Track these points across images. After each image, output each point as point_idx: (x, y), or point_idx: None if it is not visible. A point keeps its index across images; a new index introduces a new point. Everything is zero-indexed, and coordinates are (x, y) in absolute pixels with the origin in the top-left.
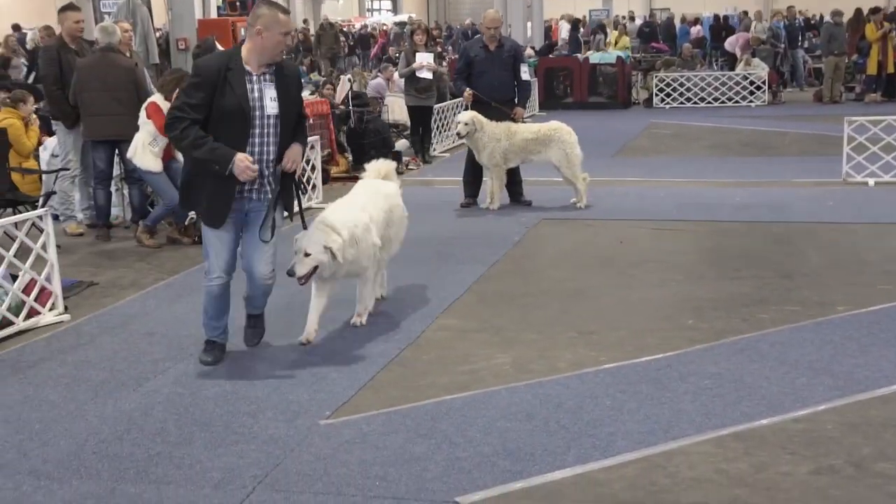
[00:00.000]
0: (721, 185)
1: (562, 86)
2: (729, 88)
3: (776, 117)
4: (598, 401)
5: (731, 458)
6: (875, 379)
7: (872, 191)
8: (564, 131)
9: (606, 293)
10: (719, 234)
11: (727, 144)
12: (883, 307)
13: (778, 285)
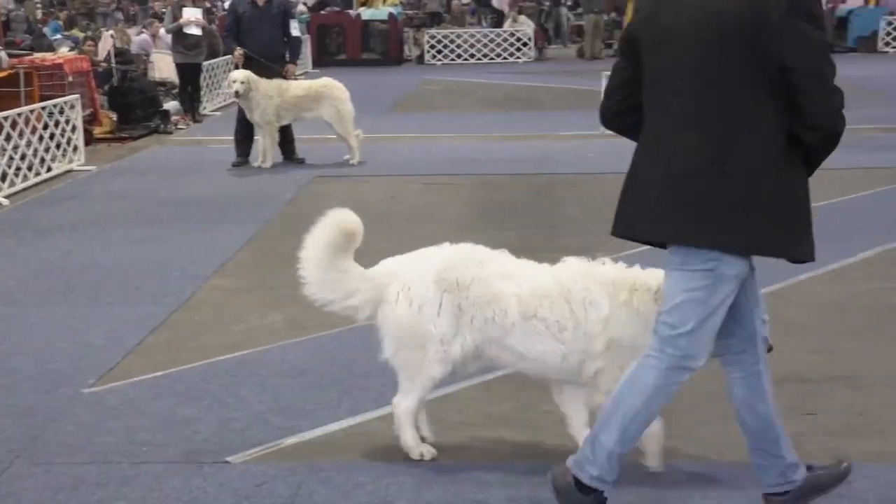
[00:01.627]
0: (489, 140)
1: (334, 43)
2: (497, 45)
3: (542, 73)
4: (370, 354)
5: (498, 401)
6: None
7: (628, 142)
8: (336, 88)
9: (381, 249)
10: (487, 187)
11: (495, 100)
12: (637, 251)
13: (541, 234)
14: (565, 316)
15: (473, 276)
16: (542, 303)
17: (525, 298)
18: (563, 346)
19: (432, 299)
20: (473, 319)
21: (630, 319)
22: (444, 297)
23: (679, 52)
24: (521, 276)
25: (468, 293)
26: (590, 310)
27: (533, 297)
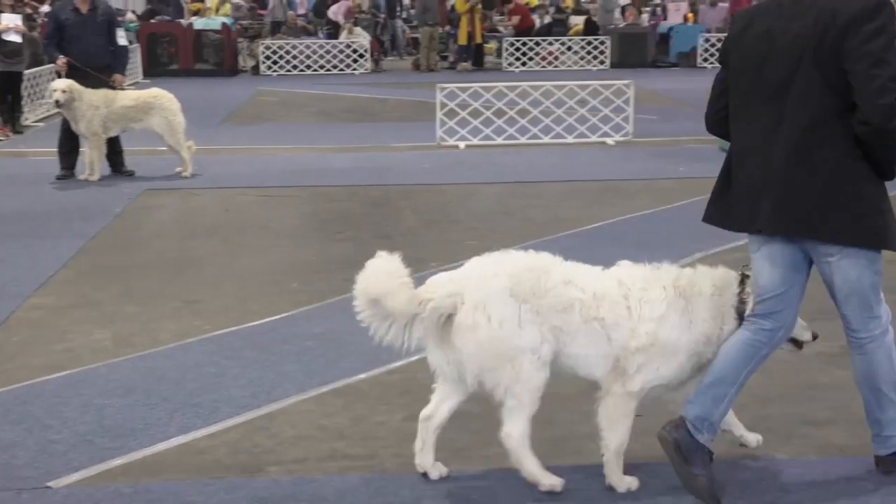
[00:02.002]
0: (325, 151)
1: (166, 52)
2: (333, 56)
3: (377, 84)
4: (201, 369)
5: (331, 414)
6: None
7: (463, 153)
8: (166, 98)
9: (212, 262)
10: (323, 198)
11: (331, 111)
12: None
13: (377, 245)
14: (622, 315)
15: (544, 284)
16: (602, 304)
17: (588, 302)
18: (613, 343)
19: (512, 313)
20: (549, 327)
21: (681, 322)
22: (521, 307)
23: (779, 67)
24: (583, 281)
25: (543, 301)
26: (645, 308)
27: (595, 299)
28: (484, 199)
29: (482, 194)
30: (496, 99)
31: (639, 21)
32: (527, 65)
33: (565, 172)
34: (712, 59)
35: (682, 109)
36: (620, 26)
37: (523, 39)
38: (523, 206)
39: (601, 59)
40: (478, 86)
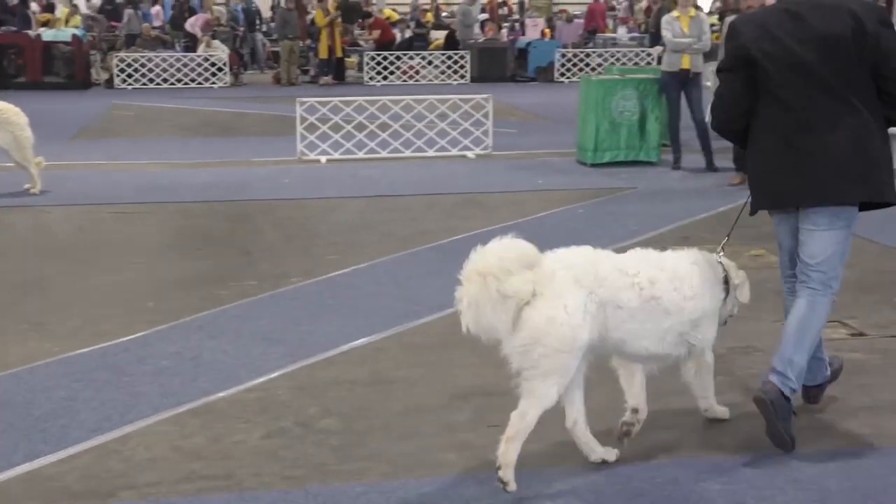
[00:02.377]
0: (183, 167)
1: (13, 64)
2: (191, 70)
3: (237, 98)
4: (50, 393)
5: (188, 434)
6: (323, 343)
7: (324, 168)
8: (12, 112)
9: (62, 282)
10: (181, 215)
11: (190, 126)
12: (331, 275)
13: (237, 262)
14: (672, 292)
15: (600, 273)
16: (656, 286)
17: (643, 284)
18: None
19: (580, 304)
20: (606, 314)
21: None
22: (587, 298)
23: (808, 65)
24: (632, 268)
25: (602, 290)
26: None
27: (648, 282)
28: (345, 213)
29: (343, 208)
30: (357, 113)
31: (498, 36)
32: (388, 79)
33: (426, 186)
34: (569, 73)
35: (541, 123)
36: (480, 41)
37: (384, 54)
38: (385, 219)
39: (461, 73)
40: (338, 100)
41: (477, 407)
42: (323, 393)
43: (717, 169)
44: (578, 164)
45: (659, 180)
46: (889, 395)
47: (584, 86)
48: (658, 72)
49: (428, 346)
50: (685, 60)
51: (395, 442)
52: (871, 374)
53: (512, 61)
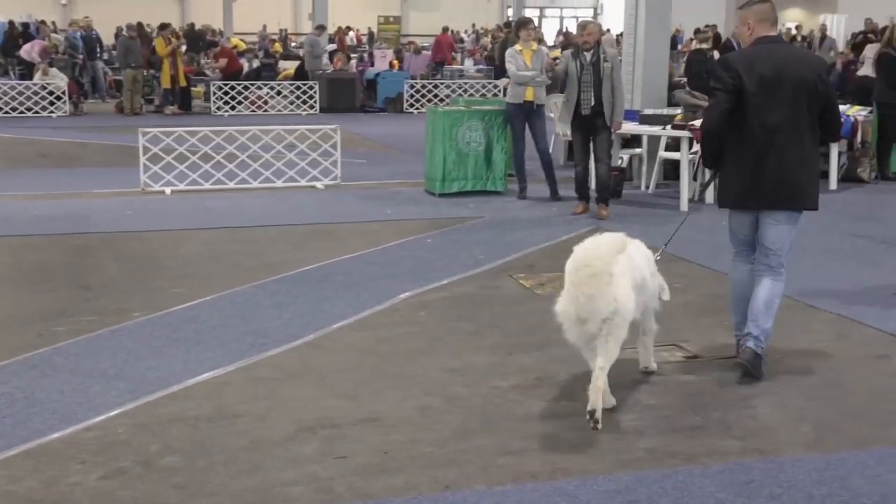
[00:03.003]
0: (19, 199)
1: None
2: (27, 98)
3: (77, 128)
4: None
5: (20, 478)
6: (166, 378)
7: (169, 199)
8: None
9: None
10: (16, 248)
11: (25, 156)
12: (175, 309)
13: (76, 297)
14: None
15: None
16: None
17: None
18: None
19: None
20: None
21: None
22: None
23: (781, 98)
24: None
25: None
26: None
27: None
28: (191, 245)
29: (189, 240)
30: (202, 143)
31: (347, 67)
32: (236, 109)
33: (274, 217)
34: (417, 104)
35: (390, 153)
36: (329, 72)
37: (231, 83)
38: (232, 251)
39: (311, 103)
40: (182, 130)
41: (324, 439)
42: (165, 430)
43: (561, 198)
44: (427, 193)
45: (505, 209)
46: (720, 414)
47: (431, 117)
48: (503, 103)
49: (274, 378)
50: (529, 92)
51: (241, 477)
52: (704, 395)
53: (361, 92)
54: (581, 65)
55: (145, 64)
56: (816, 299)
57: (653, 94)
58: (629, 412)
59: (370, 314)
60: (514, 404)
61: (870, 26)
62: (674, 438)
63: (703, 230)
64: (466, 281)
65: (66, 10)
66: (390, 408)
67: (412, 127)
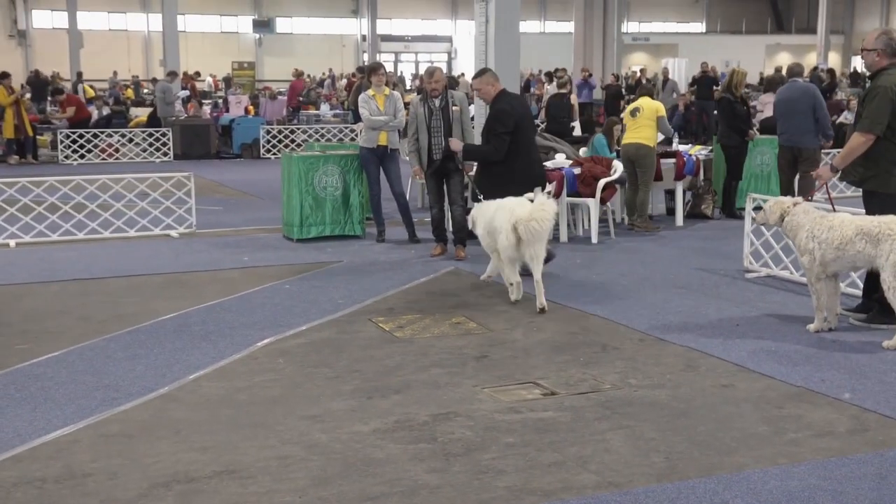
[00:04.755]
0: None
1: None
2: None
3: None
4: None
5: None
6: (8, 439)
7: (14, 252)
8: None
9: None
10: None
11: None
12: (19, 366)
13: None
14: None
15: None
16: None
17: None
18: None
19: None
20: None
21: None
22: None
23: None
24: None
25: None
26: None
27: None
28: (37, 299)
29: (35, 294)
30: (49, 194)
31: (200, 113)
32: (85, 157)
33: (127, 267)
34: (274, 149)
35: (247, 199)
36: (182, 118)
37: (80, 131)
38: (81, 304)
39: (164, 150)
40: (26, 180)
41: (179, 494)
42: (8, 494)
43: (419, 240)
44: (285, 239)
45: (364, 253)
46: (577, 449)
47: (287, 162)
48: (359, 147)
49: (127, 434)
50: (382, 137)
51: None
52: (561, 431)
53: (216, 138)
54: (430, 110)
55: None
56: (666, 333)
57: None
58: (488, 451)
59: (227, 363)
60: (375, 448)
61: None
62: (532, 475)
63: (558, 268)
64: (326, 326)
65: None
66: (248, 458)
67: (269, 173)
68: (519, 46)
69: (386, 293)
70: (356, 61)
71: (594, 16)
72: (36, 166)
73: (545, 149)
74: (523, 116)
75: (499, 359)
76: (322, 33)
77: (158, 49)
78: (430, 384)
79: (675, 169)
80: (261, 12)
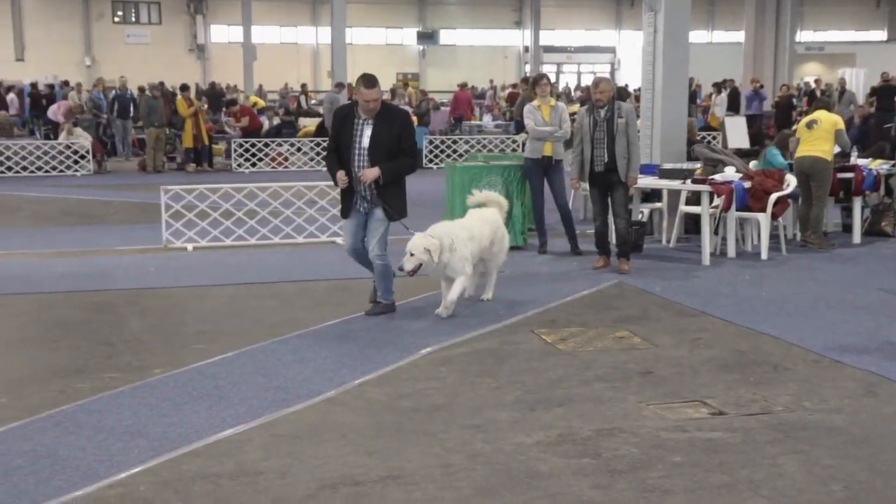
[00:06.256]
0: (42, 256)
1: None
2: (52, 157)
3: (101, 186)
4: None
5: None
6: (187, 435)
7: (191, 255)
8: None
9: None
10: (38, 305)
11: (49, 214)
12: (196, 365)
13: (98, 353)
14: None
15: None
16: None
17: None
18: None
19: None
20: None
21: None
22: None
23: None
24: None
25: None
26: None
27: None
28: (213, 300)
29: (211, 296)
30: (223, 200)
31: None
32: (256, 165)
33: (296, 272)
34: (437, 159)
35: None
36: None
37: (252, 140)
38: (254, 306)
39: None
40: (203, 187)
41: (346, 497)
42: (187, 487)
43: (581, 252)
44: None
45: (526, 264)
46: (747, 472)
47: (450, 172)
48: (522, 158)
49: (296, 435)
50: (547, 147)
51: None
52: (731, 452)
53: None
54: (595, 121)
55: (167, 122)
56: (843, 354)
57: (672, 148)
58: (654, 469)
59: (391, 370)
60: (538, 461)
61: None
62: (701, 497)
63: (725, 284)
64: (488, 336)
65: (90, 70)
66: (412, 465)
67: (431, 182)
68: (688, 57)
69: (548, 305)
70: (518, 72)
71: (766, 24)
72: (211, 174)
73: (713, 161)
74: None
75: (664, 375)
76: (485, 44)
77: (326, 61)
78: (594, 398)
79: (853, 184)
80: (425, 24)
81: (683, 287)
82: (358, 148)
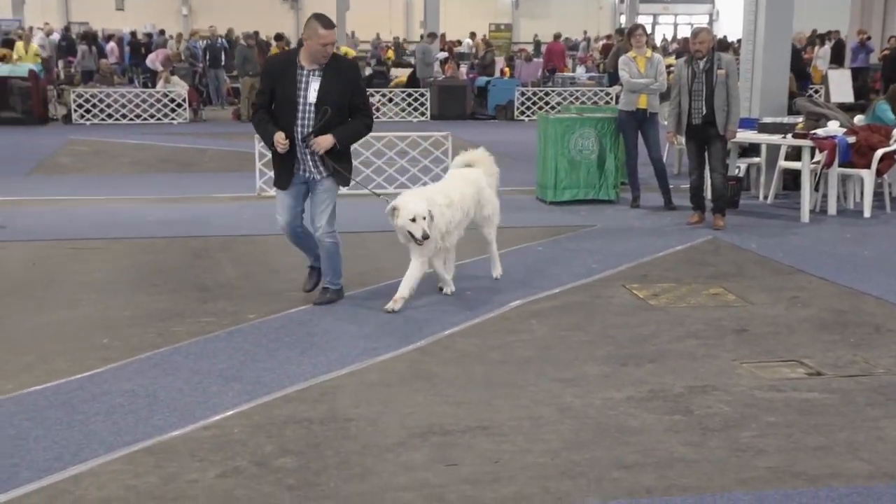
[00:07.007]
0: (140, 202)
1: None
2: (150, 105)
3: (197, 134)
4: (0, 432)
5: (141, 473)
6: (279, 380)
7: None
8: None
9: (14, 318)
10: (137, 250)
11: (148, 161)
12: (288, 312)
13: (194, 298)
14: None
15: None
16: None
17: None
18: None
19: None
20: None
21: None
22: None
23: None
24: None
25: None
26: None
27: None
28: None
29: None
30: None
31: (457, 74)
32: None
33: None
34: (528, 112)
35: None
36: (440, 79)
37: None
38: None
39: (422, 110)
40: None
41: (435, 445)
42: (279, 431)
43: (675, 207)
44: (538, 201)
45: (618, 218)
46: (845, 435)
47: (542, 124)
48: (616, 111)
49: (385, 383)
50: (642, 100)
51: (353, 481)
52: (828, 414)
53: (472, 99)
54: (693, 73)
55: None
56: None
57: (772, 101)
58: (747, 429)
59: (481, 321)
60: (628, 417)
61: None
62: (797, 458)
63: (825, 242)
64: (578, 290)
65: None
66: (501, 416)
67: (522, 134)
68: (793, 8)
69: (640, 259)
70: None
71: None
72: None
73: (816, 115)
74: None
75: (759, 333)
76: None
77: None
78: (686, 355)
79: None
80: None
81: (781, 244)
82: (303, 104)
